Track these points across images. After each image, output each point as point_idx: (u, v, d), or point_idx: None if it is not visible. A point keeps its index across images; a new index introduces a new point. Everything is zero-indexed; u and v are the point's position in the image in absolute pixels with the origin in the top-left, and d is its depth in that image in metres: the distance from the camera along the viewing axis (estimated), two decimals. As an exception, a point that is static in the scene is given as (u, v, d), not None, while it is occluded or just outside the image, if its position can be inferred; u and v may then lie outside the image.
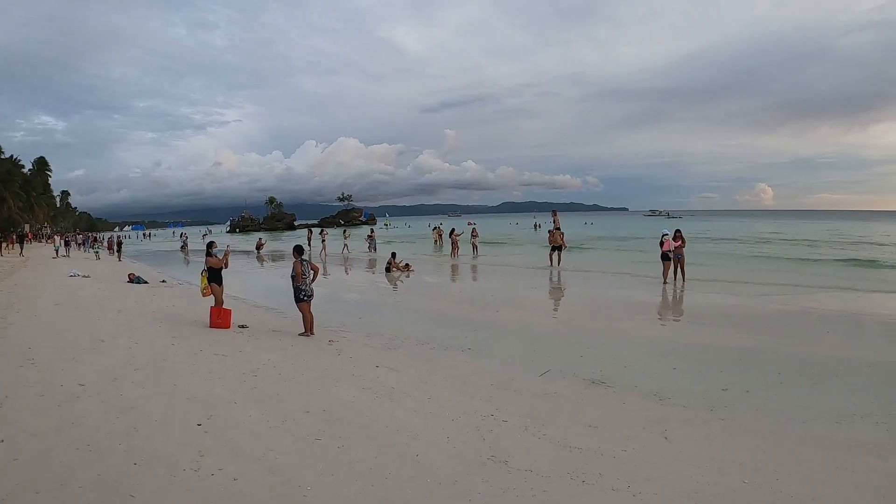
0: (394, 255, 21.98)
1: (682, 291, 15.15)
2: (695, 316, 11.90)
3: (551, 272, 20.37)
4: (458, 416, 5.53)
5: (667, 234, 16.77)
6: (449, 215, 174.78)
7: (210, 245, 11.01)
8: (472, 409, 5.82)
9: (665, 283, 16.05)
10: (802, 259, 25.00)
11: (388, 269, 20.83)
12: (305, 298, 9.59)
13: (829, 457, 4.77)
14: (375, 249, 31.89)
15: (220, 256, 10.66)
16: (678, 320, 11.77)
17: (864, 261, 23.49)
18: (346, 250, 32.64)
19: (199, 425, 4.91)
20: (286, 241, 44.57)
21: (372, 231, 36.15)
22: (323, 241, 32.39)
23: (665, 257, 16.39)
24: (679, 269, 16.65)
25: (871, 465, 4.62)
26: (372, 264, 25.97)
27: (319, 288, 10.51)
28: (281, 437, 4.80)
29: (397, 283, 18.71)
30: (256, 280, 22.38)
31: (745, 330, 10.03)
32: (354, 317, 11.94)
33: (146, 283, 17.75)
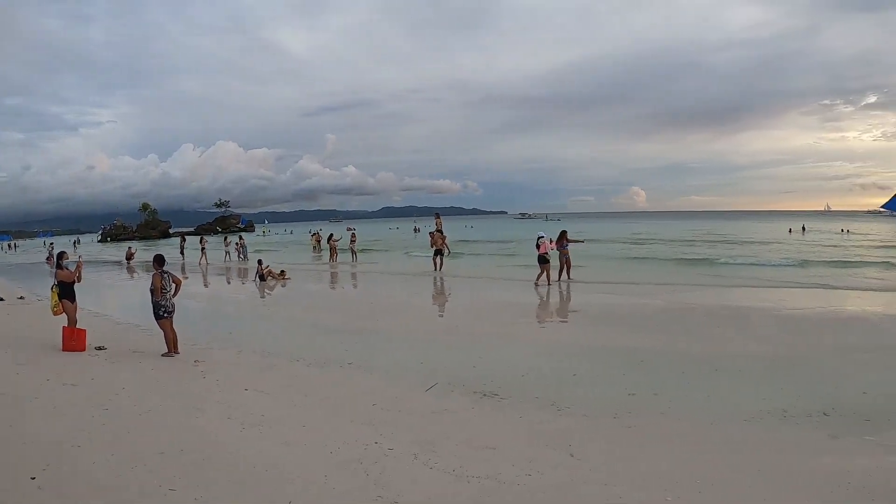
0: (260, 262, 20.48)
1: (569, 293, 15.07)
2: (590, 318, 11.72)
3: (435, 277, 19.72)
4: (338, 447, 4.60)
5: (542, 237, 16.26)
6: (330, 220, 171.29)
7: (60, 256, 9.49)
8: (354, 436, 4.91)
9: (538, 285, 15.59)
10: (678, 258, 26.32)
11: (262, 278, 19.31)
12: (166, 315, 8.28)
13: (749, 461, 4.39)
14: (246, 258, 30.25)
15: (72, 269, 9.09)
16: (572, 323, 11.47)
17: (726, 258, 25.08)
18: (227, 258, 30.95)
19: (32, 479, 3.78)
20: (160, 251, 40.76)
21: (241, 238, 33.70)
22: (203, 249, 30.52)
23: (542, 260, 15.85)
24: (566, 270, 16.73)
25: (795, 467, 4.30)
26: (245, 273, 24.13)
27: (188, 301, 9.12)
28: (126, 489, 3.70)
29: (272, 292, 17.30)
30: (123, 294, 19.90)
31: (641, 329, 9.92)
32: (225, 331, 10.60)
33: (2, 300, 14.96)
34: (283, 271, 20.10)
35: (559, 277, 16.61)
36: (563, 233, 17.28)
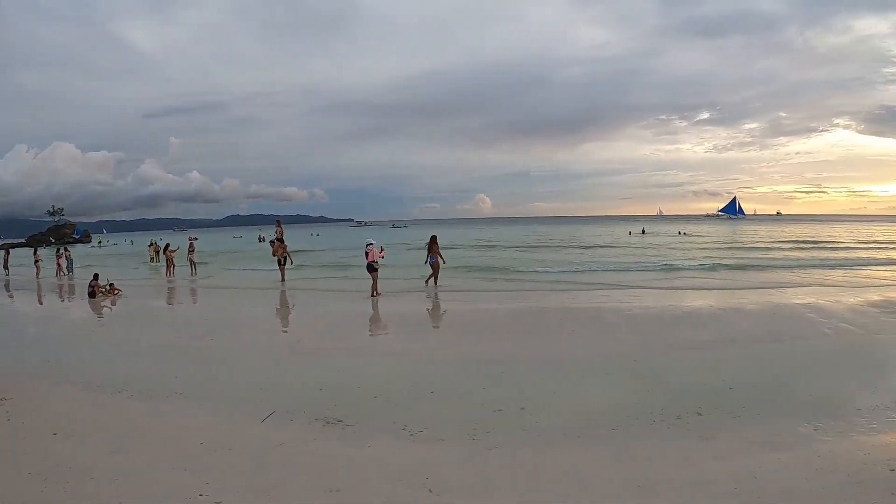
0: (96, 276, 17.80)
1: (426, 300, 14.75)
2: (447, 327, 11.40)
3: (278, 289, 18.23)
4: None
5: (371, 244, 15.33)
6: (174, 230, 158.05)
7: None
8: (176, 487, 3.95)
9: (373, 295, 14.68)
10: (525, 261, 27.48)
11: (91, 295, 16.66)
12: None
13: (626, 473, 4.12)
14: (72, 272, 26.35)
15: None
16: (428, 333, 10.94)
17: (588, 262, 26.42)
18: (59, 274, 26.34)
19: None
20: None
21: (66, 250, 29.20)
22: (37, 262, 27.05)
23: (370, 268, 14.99)
24: (433, 277, 16.65)
25: (675, 476, 4.05)
26: (73, 290, 20.80)
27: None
28: None
29: (101, 310, 14.84)
30: None
31: (499, 336, 9.67)
32: (42, 359, 8.70)
33: None
34: (112, 284, 17.48)
35: (427, 284, 16.60)
36: (434, 238, 17.05)
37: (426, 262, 17.15)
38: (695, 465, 4.32)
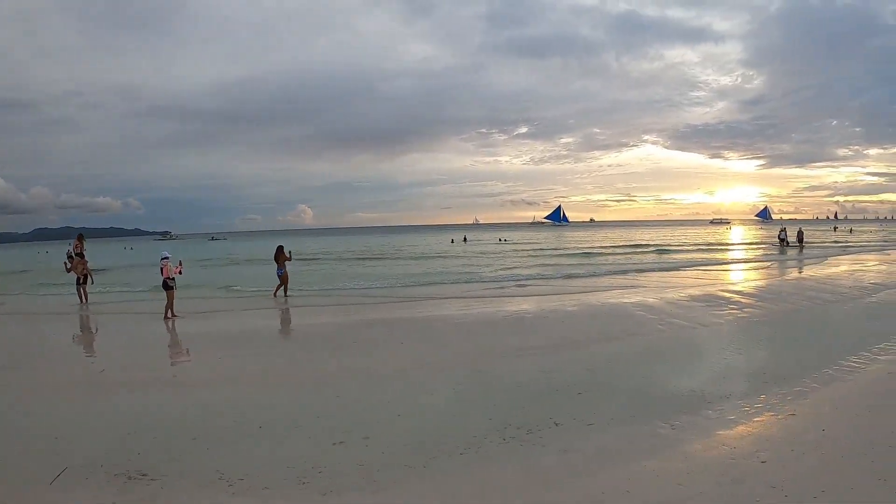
0: None
1: (258, 316, 13.81)
2: (274, 344, 10.52)
3: (81, 311, 15.76)
4: None
5: (166, 258, 13.62)
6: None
7: None
8: None
9: (168, 317, 13.01)
10: (362, 273, 26.86)
11: None
12: None
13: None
14: None
15: None
16: (257, 353, 9.40)
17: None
18: None
19: None
20: None
21: None
22: None
23: (165, 286, 13.32)
24: (282, 288, 16.51)
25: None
26: None
27: None
28: None
29: None
30: None
31: (336, 354, 8.92)
32: None
33: None
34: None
35: (275, 295, 16.47)
36: (280, 248, 16.86)
37: (277, 273, 16.77)
38: (559, 487, 4.01)
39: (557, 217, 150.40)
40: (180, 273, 13.90)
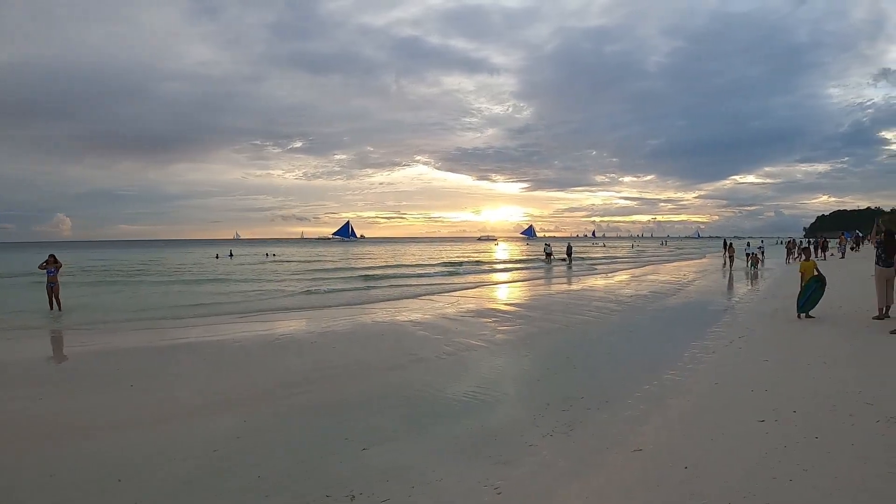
0: None
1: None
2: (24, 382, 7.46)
3: None
4: None
5: None
6: None
7: None
8: None
9: None
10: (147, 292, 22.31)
11: None
12: None
13: None
14: None
15: None
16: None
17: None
18: None
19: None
20: None
21: None
22: None
23: None
24: (55, 299, 15.53)
25: None
26: None
27: None
28: None
29: None
30: None
31: (101, 391, 6.80)
32: None
33: None
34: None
35: (51, 307, 15.37)
36: (52, 257, 16.08)
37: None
38: None
39: (346, 233, 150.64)
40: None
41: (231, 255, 61.45)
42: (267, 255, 63.37)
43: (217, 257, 58.46)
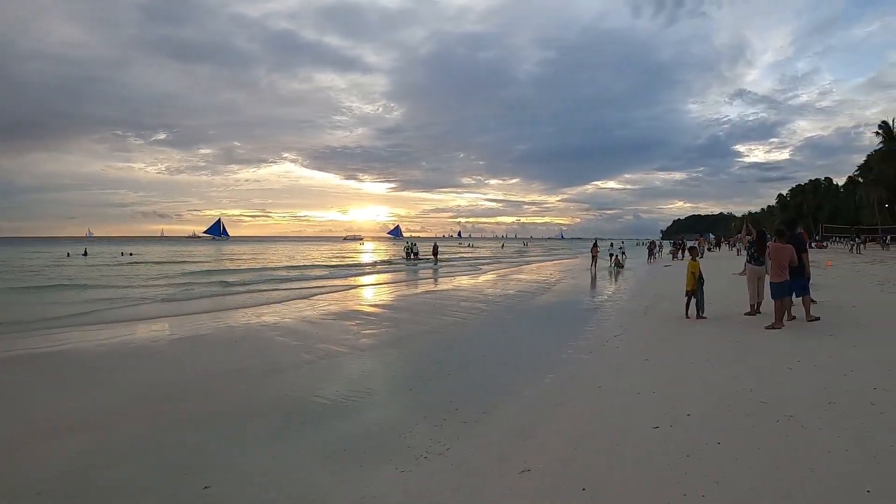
0: None
1: None
2: None
3: None
4: None
5: None
6: None
7: None
8: None
9: None
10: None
11: None
12: None
13: None
14: None
15: None
16: None
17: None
18: None
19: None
20: None
21: None
22: None
23: None
24: None
25: None
26: None
27: None
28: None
29: None
30: None
31: None
32: None
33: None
34: None
35: None
36: None
37: None
38: None
39: (217, 231, 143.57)
40: None
41: (85, 253, 58.36)
42: (123, 253, 60.55)
43: (69, 255, 55.79)
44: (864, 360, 6.29)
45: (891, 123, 59.29)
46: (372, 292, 20.28)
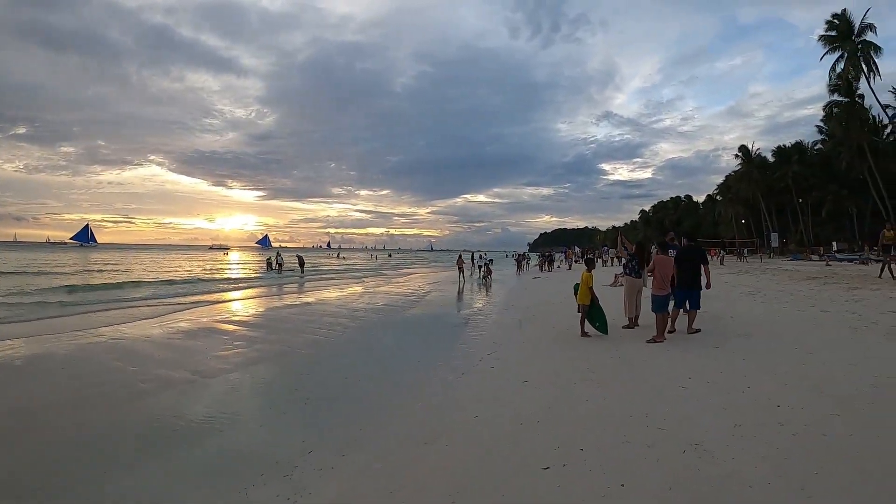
0: None
1: None
2: None
3: None
4: None
5: None
6: None
7: None
8: None
9: None
10: None
11: None
12: None
13: None
14: None
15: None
16: None
17: None
18: None
19: None
20: None
21: None
22: None
23: None
24: None
25: None
26: None
27: None
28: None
29: None
30: None
31: None
32: None
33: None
34: None
35: None
36: None
37: None
38: None
39: (85, 237, 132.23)
40: None
41: None
42: None
43: None
44: (757, 373, 6.08)
45: (749, 147, 66.88)
46: (231, 307, 18.30)
